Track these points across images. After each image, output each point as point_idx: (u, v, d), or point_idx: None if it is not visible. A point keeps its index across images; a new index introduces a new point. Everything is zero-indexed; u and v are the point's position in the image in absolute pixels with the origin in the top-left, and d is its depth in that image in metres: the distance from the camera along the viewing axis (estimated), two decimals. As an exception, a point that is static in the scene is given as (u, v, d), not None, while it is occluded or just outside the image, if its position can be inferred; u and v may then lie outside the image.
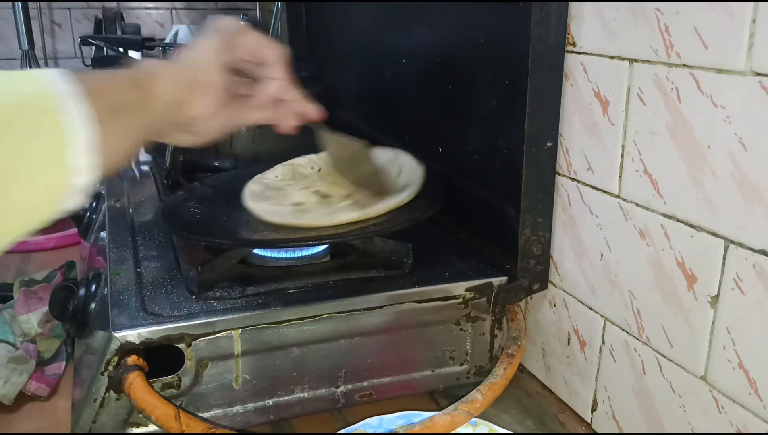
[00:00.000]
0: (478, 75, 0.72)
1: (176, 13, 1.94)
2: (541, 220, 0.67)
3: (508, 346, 0.67)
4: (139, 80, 0.46)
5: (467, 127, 0.76)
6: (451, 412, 0.58)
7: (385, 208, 0.66)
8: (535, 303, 0.73)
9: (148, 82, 0.46)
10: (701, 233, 0.50)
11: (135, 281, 0.65)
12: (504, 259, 0.69)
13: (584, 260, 0.64)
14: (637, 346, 0.58)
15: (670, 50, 0.50)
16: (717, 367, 0.50)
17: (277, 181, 0.77)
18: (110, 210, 0.85)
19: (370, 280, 0.66)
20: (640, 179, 0.55)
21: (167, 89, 0.48)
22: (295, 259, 0.69)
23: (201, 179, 0.84)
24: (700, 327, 0.51)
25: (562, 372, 0.70)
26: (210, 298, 0.61)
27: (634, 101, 0.55)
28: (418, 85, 0.88)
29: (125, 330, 0.56)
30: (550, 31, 0.61)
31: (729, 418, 0.49)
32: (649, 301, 0.56)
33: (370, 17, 1.04)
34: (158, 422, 0.54)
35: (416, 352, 0.68)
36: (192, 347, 0.58)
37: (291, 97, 0.58)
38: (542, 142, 0.64)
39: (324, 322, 0.62)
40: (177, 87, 0.49)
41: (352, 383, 0.66)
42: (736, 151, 0.46)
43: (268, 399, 0.63)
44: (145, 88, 0.46)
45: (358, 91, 1.14)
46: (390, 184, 0.71)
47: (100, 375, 0.56)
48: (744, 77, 0.45)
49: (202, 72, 0.51)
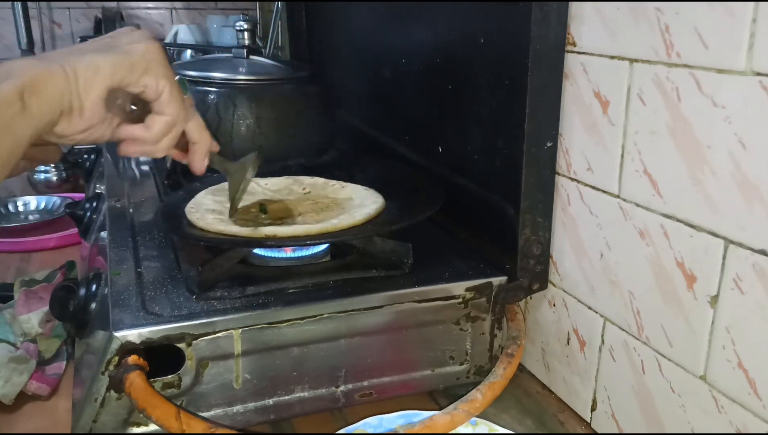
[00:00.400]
0: (478, 75, 0.72)
1: (176, 13, 1.94)
2: (540, 220, 0.67)
3: (507, 345, 0.67)
4: (14, 99, 0.42)
5: (467, 127, 0.76)
6: (451, 411, 0.58)
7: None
8: (534, 303, 0.73)
9: (25, 101, 0.42)
10: (701, 233, 0.50)
11: (135, 281, 0.65)
12: (504, 259, 0.69)
13: (584, 260, 0.64)
14: (637, 346, 0.58)
15: (670, 50, 0.50)
16: (717, 367, 0.50)
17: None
18: (110, 210, 0.85)
19: (370, 280, 0.66)
20: (640, 179, 0.55)
21: (43, 108, 0.44)
22: (295, 259, 0.69)
23: (201, 179, 0.84)
24: (699, 327, 0.51)
25: (561, 372, 0.70)
26: (210, 298, 0.61)
27: (634, 101, 0.55)
28: (418, 84, 0.88)
29: (125, 330, 0.56)
30: (550, 31, 0.61)
31: (729, 418, 0.49)
32: (648, 301, 0.56)
33: (370, 17, 1.04)
34: (159, 422, 0.54)
35: (416, 351, 0.68)
36: (192, 347, 0.58)
37: (149, 148, 0.55)
38: (542, 142, 0.64)
39: (324, 322, 0.62)
40: (52, 104, 0.45)
41: (352, 383, 0.66)
42: (736, 151, 0.46)
43: (268, 399, 0.63)
44: (23, 107, 0.42)
45: (358, 91, 1.14)
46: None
47: (100, 375, 0.56)
48: (744, 77, 0.45)
49: (86, 94, 0.47)
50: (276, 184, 0.81)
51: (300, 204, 0.75)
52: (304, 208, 0.74)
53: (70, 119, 0.47)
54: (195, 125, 0.58)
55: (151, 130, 0.53)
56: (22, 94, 0.42)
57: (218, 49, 1.72)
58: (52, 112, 0.45)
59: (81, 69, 0.46)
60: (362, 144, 1.11)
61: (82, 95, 0.46)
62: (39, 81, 0.43)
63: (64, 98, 0.46)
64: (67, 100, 0.46)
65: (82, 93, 0.46)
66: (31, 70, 0.43)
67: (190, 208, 0.71)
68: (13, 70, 0.43)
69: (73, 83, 0.46)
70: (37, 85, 0.43)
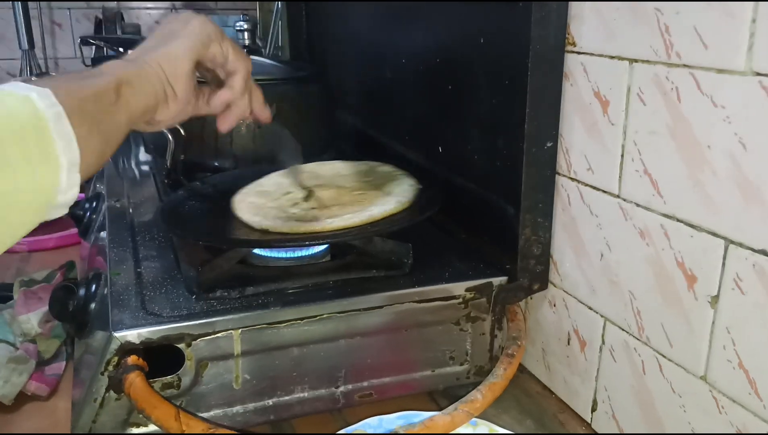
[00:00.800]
0: (477, 75, 0.72)
1: (176, 13, 1.94)
2: (541, 220, 0.67)
3: (508, 346, 0.67)
4: (111, 91, 0.46)
5: (467, 127, 0.76)
6: (451, 412, 0.58)
7: (378, 213, 0.66)
8: (535, 303, 0.73)
9: (121, 91, 0.47)
10: (701, 233, 0.50)
11: (135, 281, 0.65)
12: (504, 259, 0.69)
13: (584, 260, 0.64)
14: (637, 346, 0.58)
15: (670, 50, 0.50)
16: (717, 367, 0.50)
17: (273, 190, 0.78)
18: (110, 210, 0.85)
19: (370, 280, 0.66)
20: (640, 179, 0.55)
21: (139, 99, 0.49)
22: (295, 259, 0.69)
23: (201, 179, 0.84)
24: (700, 327, 0.51)
25: (562, 372, 0.70)
26: (210, 298, 0.61)
27: (634, 101, 0.55)
28: (418, 85, 0.88)
29: (125, 330, 0.56)
30: (550, 31, 0.61)
31: (729, 418, 0.49)
32: (649, 301, 0.56)
33: (369, 17, 1.04)
34: (158, 422, 0.54)
35: (416, 352, 0.68)
36: (192, 347, 0.58)
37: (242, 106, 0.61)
38: (542, 143, 0.64)
39: (324, 322, 0.62)
40: (149, 96, 0.50)
41: (352, 383, 0.66)
42: (736, 151, 0.46)
43: (268, 399, 0.63)
44: (118, 98, 0.47)
45: (358, 91, 1.14)
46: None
47: (100, 375, 0.56)
48: (744, 77, 0.45)
49: (175, 81, 0.52)
50: (348, 169, 0.82)
51: (348, 194, 0.74)
52: (347, 199, 0.73)
53: (167, 105, 0.53)
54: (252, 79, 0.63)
55: (235, 87, 0.59)
56: (118, 87, 0.47)
57: (218, 49, 1.72)
58: (146, 103, 0.50)
59: (163, 63, 0.52)
60: (362, 144, 1.11)
61: (172, 83, 0.52)
62: (132, 77, 0.49)
63: (158, 91, 0.51)
64: (161, 92, 0.52)
65: (172, 81, 0.52)
66: (124, 69, 0.49)
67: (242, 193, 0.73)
68: (109, 69, 0.48)
69: (162, 76, 0.52)
70: (131, 80, 0.48)
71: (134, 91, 0.49)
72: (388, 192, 0.72)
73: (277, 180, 0.80)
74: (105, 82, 0.46)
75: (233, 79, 0.59)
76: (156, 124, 0.55)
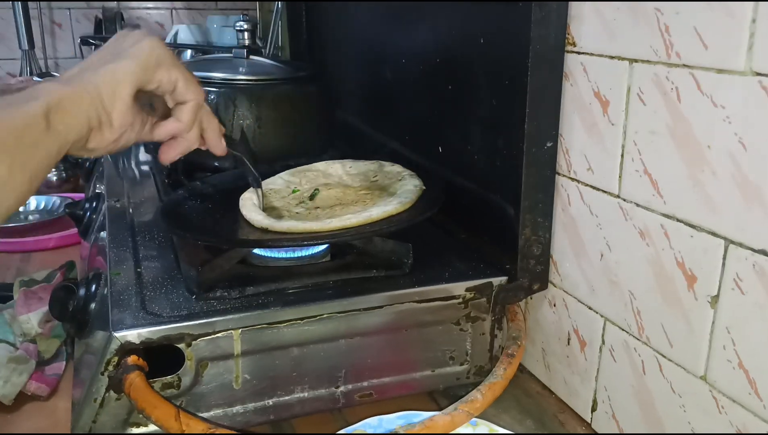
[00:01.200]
0: (478, 75, 0.72)
1: (176, 13, 1.94)
2: (541, 220, 0.67)
3: (508, 346, 0.67)
4: (39, 118, 0.43)
5: (467, 127, 0.76)
6: (451, 412, 0.58)
7: (378, 214, 0.66)
8: (535, 303, 0.73)
9: (50, 118, 0.44)
10: (701, 233, 0.50)
11: (135, 281, 0.65)
12: (504, 259, 0.69)
13: (584, 260, 0.64)
14: (637, 346, 0.58)
15: (670, 50, 0.50)
16: (717, 367, 0.50)
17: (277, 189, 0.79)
18: (110, 210, 0.85)
19: (370, 280, 0.66)
20: (640, 179, 0.55)
21: (71, 125, 0.46)
22: (295, 259, 0.69)
23: (201, 179, 0.84)
24: (700, 327, 0.51)
25: (562, 372, 0.70)
26: (210, 298, 0.61)
27: (634, 101, 0.55)
28: (418, 85, 0.88)
29: (125, 330, 0.56)
30: (550, 31, 0.61)
31: (729, 418, 0.49)
32: (649, 301, 0.56)
33: (370, 17, 1.04)
34: (158, 422, 0.54)
35: (416, 352, 0.68)
36: (192, 347, 0.58)
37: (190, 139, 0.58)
38: (542, 142, 0.64)
39: (324, 322, 0.62)
40: (81, 122, 0.47)
41: (352, 383, 0.66)
42: (736, 151, 0.46)
43: (268, 399, 0.63)
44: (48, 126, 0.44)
45: (358, 91, 1.14)
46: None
47: (100, 375, 0.56)
48: (744, 77, 0.45)
49: (112, 106, 0.49)
50: (357, 168, 0.82)
51: (353, 193, 0.75)
52: (352, 199, 0.73)
53: (101, 133, 0.49)
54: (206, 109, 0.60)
55: (182, 119, 0.56)
56: (47, 113, 0.44)
57: (218, 49, 1.72)
58: (78, 130, 0.47)
59: (101, 84, 0.48)
60: (362, 144, 1.11)
61: (108, 108, 0.49)
62: (64, 101, 0.45)
63: (91, 116, 0.48)
64: (95, 117, 0.48)
65: (108, 106, 0.49)
66: (56, 91, 0.45)
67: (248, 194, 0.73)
68: (39, 92, 0.45)
69: (97, 100, 0.48)
70: (62, 105, 0.45)
71: (65, 117, 0.45)
72: (393, 192, 0.72)
73: (288, 178, 0.80)
74: (33, 109, 0.43)
75: (181, 110, 0.55)
76: (88, 151, 0.50)
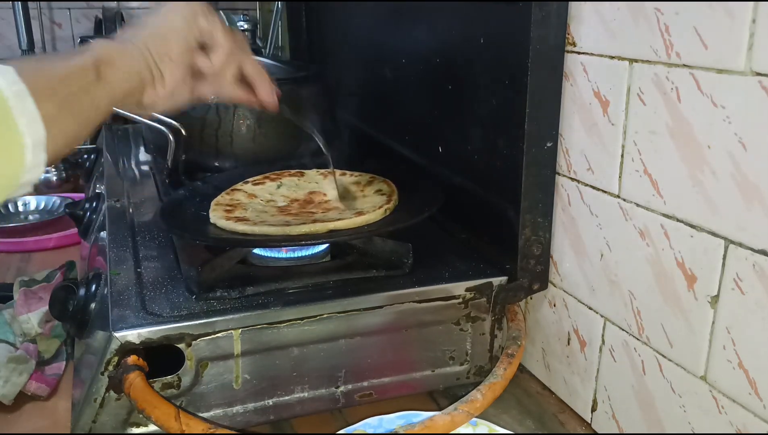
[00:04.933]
0: (478, 75, 0.72)
1: None
2: (541, 220, 0.67)
3: (508, 346, 0.67)
4: (88, 69, 0.45)
5: (467, 127, 0.76)
6: (451, 412, 0.58)
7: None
8: (535, 303, 0.73)
9: (100, 70, 0.46)
10: (701, 233, 0.50)
11: (135, 281, 0.65)
12: (504, 259, 0.69)
13: (584, 260, 0.64)
14: (637, 346, 0.58)
15: (670, 50, 0.50)
16: (717, 367, 0.50)
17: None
18: (110, 210, 0.85)
19: (370, 280, 0.66)
20: (640, 179, 0.55)
21: (121, 79, 0.48)
22: (295, 259, 0.69)
23: (202, 179, 0.84)
24: (700, 327, 0.51)
25: (562, 372, 0.70)
26: (210, 298, 0.61)
27: (634, 101, 0.55)
28: (418, 84, 0.88)
29: (125, 330, 0.56)
30: (550, 31, 0.61)
31: (729, 418, 0.49)
32: (649, 301, 0.56)
33: (370, 17, 1.04)
34: (158, 422, 0.54)
35: (416, 352, 0.68)
36: (192, 347, 0.58)
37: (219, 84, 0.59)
38: (542, 142, 0.64)
39: (324, 322, 0.62)
40: (132, 76, 0.49)
41: (352, 383, 0.66)
42: (736, 151, 0.46)
43: (268, 399, 0.63)
44: (98, 77, 0.46)
45: (358, 91, 1.14)
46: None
47: (100, 375, 0.56)
48: (744, 77, 0.45)
49: (163, 63, 0.51)
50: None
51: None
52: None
53: (154, 89, 0.52)
54: (251, 62, 0.62)
55: (214, 60, 0.57)
56: (97, 65, 0.46)
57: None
58: (129, 83, 0.49)
59: (150, 42, 0.51)
60: (362, 144, 1.11)
61: (159, 64, 0.51)
62: (113, 55, 0.48)
63: (143, 71, 0.50)
64: (147, 73, 0.50)
65: (159, 63, 0.51)
66: (107, 47, 0.48)
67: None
68: (90, 47, 0.47)
69: (148, 56, 0.50)
70: (112, 58, 0.47)
71: (115, 71, 0.47)
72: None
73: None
74: (82, 60, 0.45)
75: (215, 52, 0.58)
76: (145, 107, 0.53)
